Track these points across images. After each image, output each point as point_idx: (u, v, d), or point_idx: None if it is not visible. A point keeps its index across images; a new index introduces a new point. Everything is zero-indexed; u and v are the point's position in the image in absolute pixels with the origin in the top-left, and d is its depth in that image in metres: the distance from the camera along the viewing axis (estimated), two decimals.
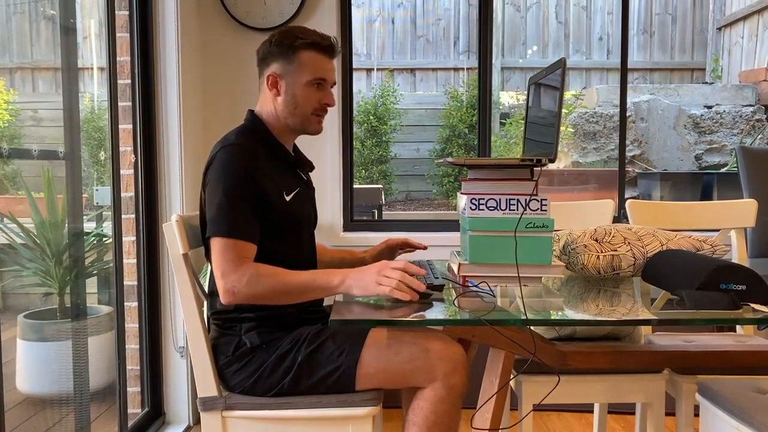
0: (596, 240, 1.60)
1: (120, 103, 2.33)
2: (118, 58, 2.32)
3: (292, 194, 1.59)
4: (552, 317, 1.40)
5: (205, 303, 1.70)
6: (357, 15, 5.92)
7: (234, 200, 1.48)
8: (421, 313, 1.33)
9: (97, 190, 2.46)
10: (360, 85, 5.88)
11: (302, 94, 1.58)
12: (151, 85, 2.45)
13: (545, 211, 1.45)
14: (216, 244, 1.46)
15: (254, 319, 1.57)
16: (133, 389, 2.45)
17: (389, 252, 1.82)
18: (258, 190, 1.51)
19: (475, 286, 1.44)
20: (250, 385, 1.54)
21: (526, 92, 1.76)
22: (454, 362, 1.45)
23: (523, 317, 1.25)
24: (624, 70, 3.14)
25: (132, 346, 2.44)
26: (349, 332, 1.53)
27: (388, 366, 1.48)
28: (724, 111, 5.04)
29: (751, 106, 5.06)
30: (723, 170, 4.68)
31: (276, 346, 1.54)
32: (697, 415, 1.66)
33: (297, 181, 1.66)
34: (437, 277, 1.51)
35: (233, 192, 1.48)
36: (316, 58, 1.57)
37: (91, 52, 2.63)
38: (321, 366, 1.50)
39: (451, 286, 1.50)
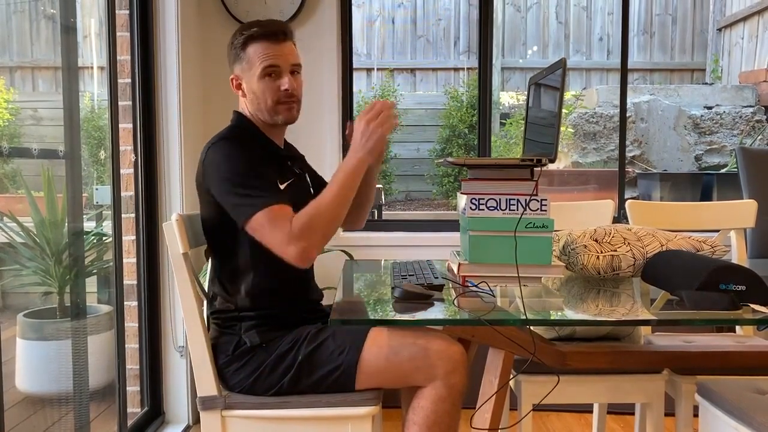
0: (596, 240, 1.60)
1: (120, 103, 2.33)
2: (118, 57, 2.32)
3: (286, 184, 1.60)
4: (552, 317, 1.40)
5: (205, 302, 1.70)
6: (357, 15, 5.92)
7: (247, 178, 1.47)
8: (421, 312, 1.33)
9: (97, 189, 2.46)
10: (360, 84, 5.89)
11: (259, 89, 1.57)
12: (152, 85, 2.45)
13: (545, 211, 1.45)
14: (255, 223, 1.43)
15: (254, 318, 1.57)
16: (133, 388, 2.45)
17: None
18: (263, 165, 1.52)
19: (475, 286, 1.44)
20: (249, 384, 1.54)
21: (526, 92, 1.76)
22: (455, 362, 1.45)
23: (523, 317, 1.25)
24: (624, 70, 3.14)
25: (131, 345, 2.44)
26: (349, 331, 1.53)
27: (388, 365, 1.48)
28: (724, 112, 5.04)
29: (751, 106, 5.06)
30: (723, 171, 4.68)
31: (276, 345, 1.54)
32: (696, 415, 1.66)
33: (290, 173, 1.66)
34: (437, 277, 1.51)
35: (243, 172, 1.48)
36: (261, 48, 1.55)
37: (92, 51, 2.63)
38: (321, 365, 1.50)
39: (450, 286, 1.50)
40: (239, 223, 1.47)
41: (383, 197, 4.75)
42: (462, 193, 1.52)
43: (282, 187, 1.57)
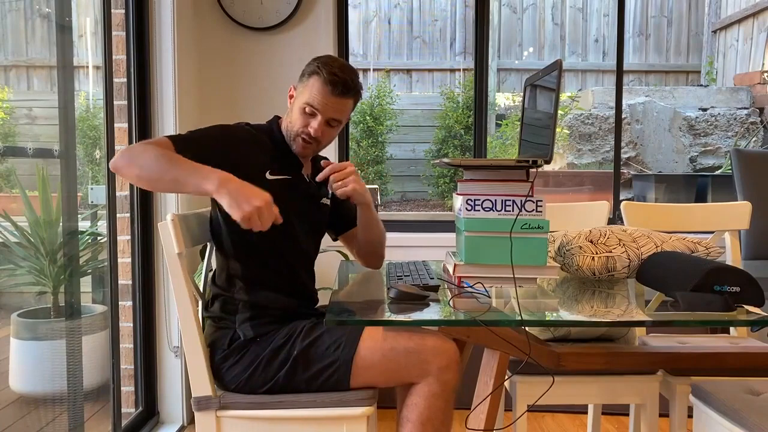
0: (591, 241, 1.61)
1: (115, 102, 2.33)
2: (113, 57, 2.32)
3: (276, 177, 1.61)
4: (547, 318, 1.40)
5: (200, 303, 1.70)
6: (353, 15, 5.91)
7: (200, 134, 1.58)
8: (417, 313, 1.33)
9: (91, 188, 2.45)
10: None
11: (295, 114, 1.63)
12: (147, 84, 2.44)
13: (540, 212, 1.45)
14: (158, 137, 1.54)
15: (248, 309, 1.59)
16: (127, 389, 2.44)
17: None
18: (228, 152, 1.55)
19: (470, 286, 1.44)
20: (245, 379, 1.55)
21: (522, 94, 1.76)
22: (448, 358, 1.46)
23: (518, 318, 1.25)
24: (619, 72, 3.15)
25: (126, 345, 2.43)
26: (344, 327, 1.53)
27: (383, 360, 1.49)
28: (719, 113, 5.06)
29: (745, 108, 5.08)
30: (717, 172, 4.70)
31: (270, 339, 1.55)
32: (690, 416, 1.67)
33: (292, 174, 1.66)
34: (432, 278, 1.52)
35: (206, 132, 1.59)
36: (317, 87, 1.58)
37: (87, 50, 2.62)
38: (317, 360, 1.51)
39: (446, 286, 1.51)
40: None
41: (379, 198, 4.74)
42: (458, 194, 1.52)
43: (270, 177, 1.61)
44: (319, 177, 1.60)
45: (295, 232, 1.66)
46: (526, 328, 1.42)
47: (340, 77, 1.57)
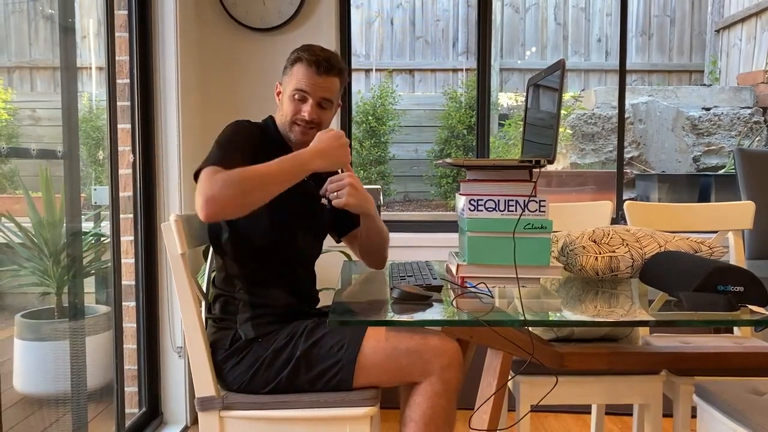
0: (594, 241, 1.60)
1: (118, 103, 2.33)
2: (116, 58, 2.32)
3: None
4: (550, 318, 1.40)
5: (203, 304, 1.70)
6: (356, 15, 5.92)
7: (224, 143, 1.55)
8: (420, 313, 1.33)
9: (95, 189, 2.46)
10: (359, 85, 5.88)
11: (286, 104, 1.65)
12: (150, 85, 2.45)
13: (544, 212, 1.45)
14: (201, 175, 1.44)
15: (249, 309, 1.60)
16: (131, 389, 2.45)
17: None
18: (249, 147, 1.56)
19: (474, 287, 1.44)
20: (248, 379, 1.55)
21: (524, 93, 1.76)
22: (450, 357, 1.46)
23: (521, 318, 1.25)
24: (622, 71, 3.15)
25: (130, 345, 2.44)
26: (347, 327, 1.54)
27: (386, 360, 1.49)
28: (722, 113, 5.05)
29: (748, 108, 5.07)
30: (721, 172, 4.69)
31: (272, 340, 1.56)
32: (694, 416, 1.66)
33: None
34: (435, 278, 1.51)
35: (226, 139, 1.57)
36: (302, 71, 1.61)
37: (90, 51, 2.63)
38: (320, 361, 1.52)
39: (449, 287, 1.51)
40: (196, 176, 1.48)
41: (381, 198, 4.75)
42: (460, 194, 1.52)
43: None
44: (321, 191, 1.59)
45: (294, 231, 1.67)
46: (530, 328, 1.42)
47: (322, 56, 1.61)
